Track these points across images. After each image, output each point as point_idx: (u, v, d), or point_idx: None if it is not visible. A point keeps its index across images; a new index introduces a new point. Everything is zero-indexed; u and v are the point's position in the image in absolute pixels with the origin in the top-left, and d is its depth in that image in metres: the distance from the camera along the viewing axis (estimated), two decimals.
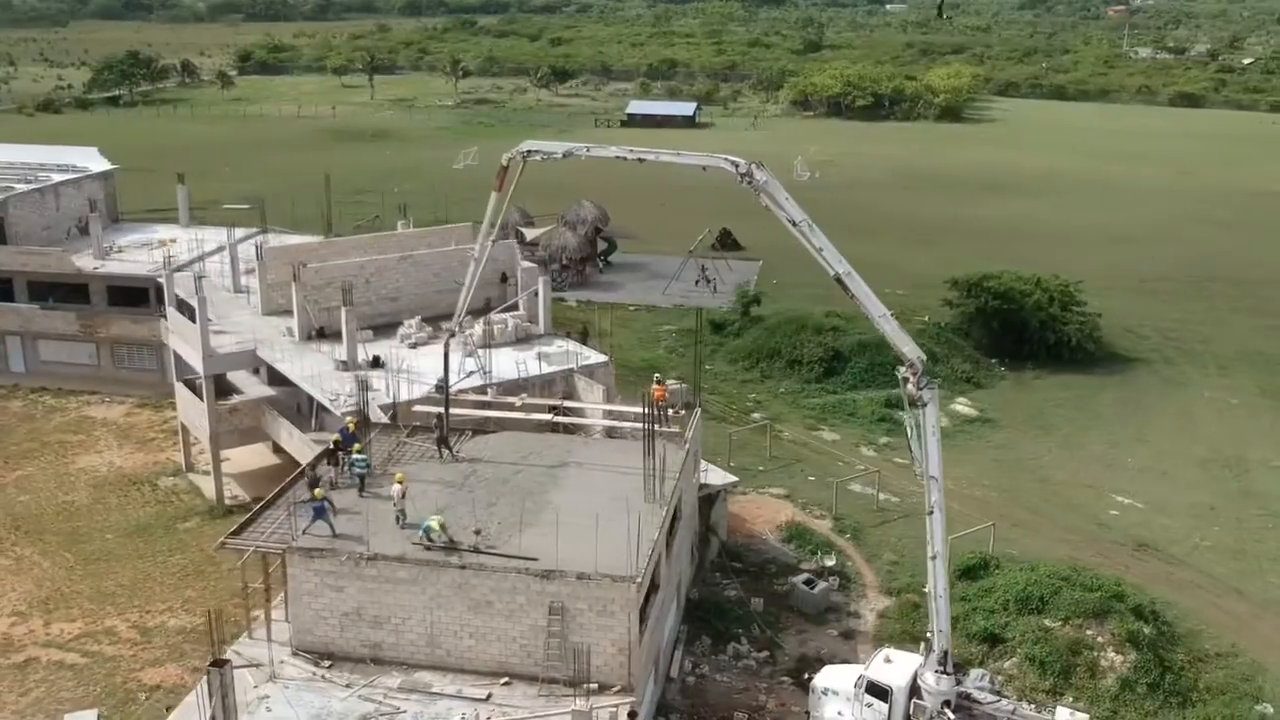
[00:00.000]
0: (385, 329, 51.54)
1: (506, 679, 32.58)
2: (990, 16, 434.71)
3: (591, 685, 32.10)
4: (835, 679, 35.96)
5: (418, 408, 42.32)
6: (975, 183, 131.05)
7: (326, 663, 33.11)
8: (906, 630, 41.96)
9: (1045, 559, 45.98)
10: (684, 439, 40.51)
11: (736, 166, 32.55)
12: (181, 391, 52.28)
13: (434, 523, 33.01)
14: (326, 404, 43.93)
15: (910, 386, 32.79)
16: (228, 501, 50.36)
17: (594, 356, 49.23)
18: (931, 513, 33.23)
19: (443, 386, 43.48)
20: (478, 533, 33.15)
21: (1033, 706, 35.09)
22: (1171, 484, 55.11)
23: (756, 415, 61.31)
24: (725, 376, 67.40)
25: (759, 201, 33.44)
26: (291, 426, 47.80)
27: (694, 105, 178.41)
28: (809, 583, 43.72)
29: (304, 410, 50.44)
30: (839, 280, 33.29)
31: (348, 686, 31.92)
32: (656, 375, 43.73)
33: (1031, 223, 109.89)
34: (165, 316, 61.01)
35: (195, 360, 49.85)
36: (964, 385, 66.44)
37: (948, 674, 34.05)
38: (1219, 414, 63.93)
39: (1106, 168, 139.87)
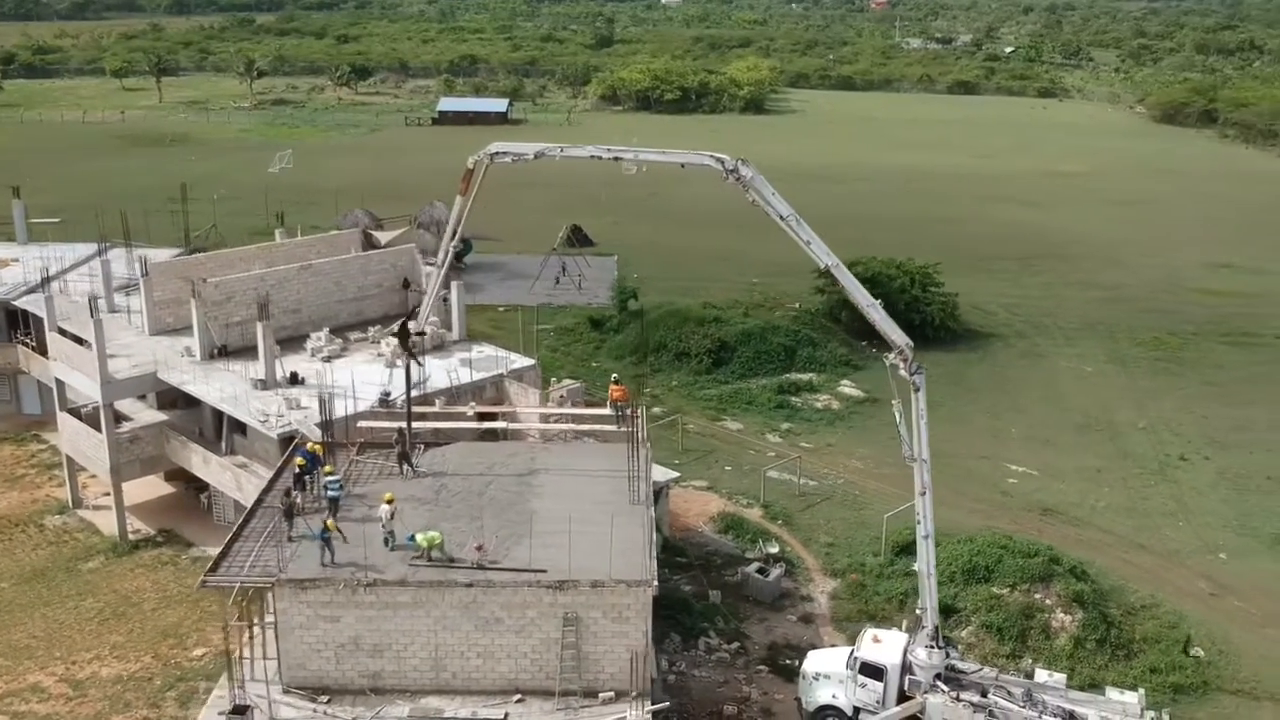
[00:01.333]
0: (289, 343, 49.01)
1: (519, 696, 31.67)
2: (764, 10, 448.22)
3: (608, 694, 31.66)
4: (825, 663, 36.63)
5: (364, 424, 40.53)
6: (796, 172, 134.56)
7: (324, 698, 31.35)
8: (861, 610, 43.19)
9: (966, 529, 48.04)
10: (644, 440, 40.24)
11: (722, 164, 32.58)
12: (67, 422, 48.33)
13: (421, 538, 31.76)
14: (257, 425, 41.48)
15: (902, 371, 33.65)
16: (131, 537, 46.92)
17: (519, 360, 48.30)
18: (923, 494, 34.22)
19: (387, 399, 41.98)
20: (479, 548, 32.01)
21: (1012, 673, 36.75)
22: (1056, 450, 58.50)
23: (658, 410, 61.46)
24: (614, 372, 67.15)
25: (746, 198, 33.51)
26: (206, 452, 44.94)
27: (506, 102, 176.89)
28: (761, 571, 44.27)
29: (208, 434, 47.50)
30: (828, 272, 33.78)
31: None
32: (614, 375, 43.42)
33: (857, 209, 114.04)
34: (23, 343, 56.44)
35: (87, 387, 46.18)
36: (844, 368, 68.49)
37: (939, 648, 35.24)
38: (1078, 382, 68.25)
39: (915, 154, 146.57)
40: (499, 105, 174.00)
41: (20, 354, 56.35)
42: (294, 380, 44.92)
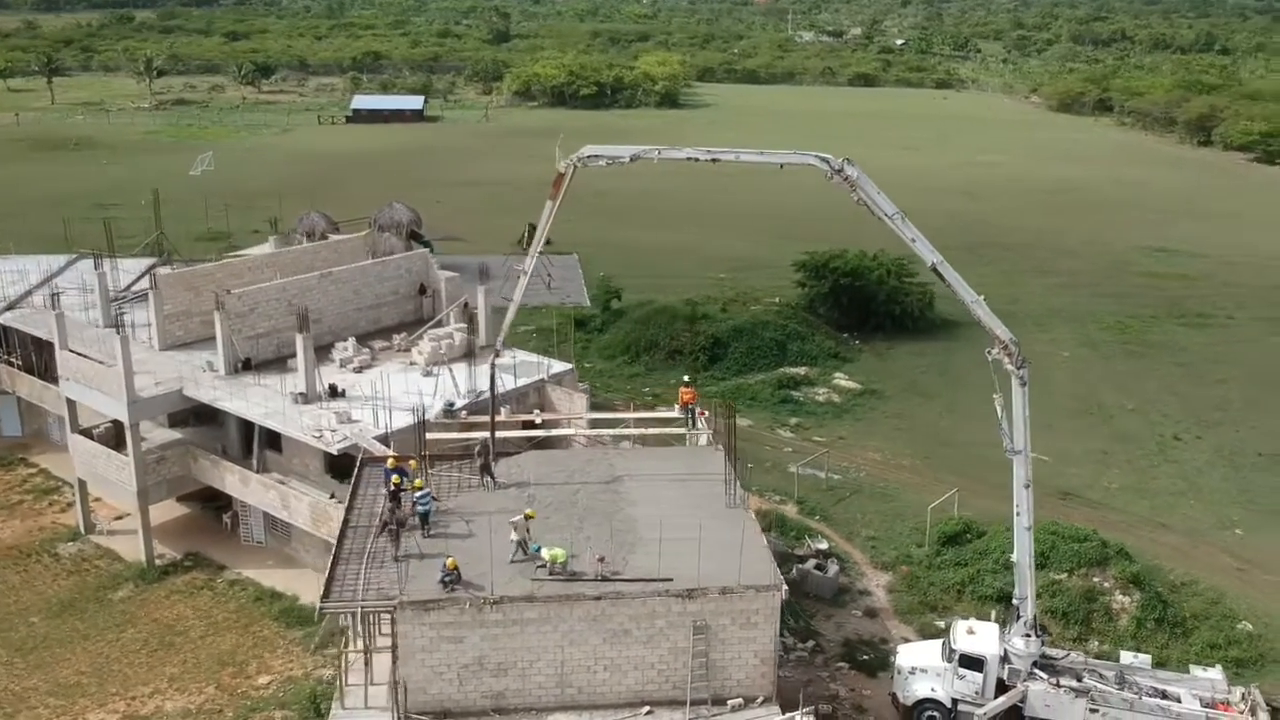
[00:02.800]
0: (315, 353, 47.28)
1: (648, 709, 31.12)
2: (651, 4, 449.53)
3: (736, 700, 31.34)
4: (920, 656, 36.80)
5: (432, 435, 39.27)
6: (733, 168, 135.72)
7: None
8: (921, 602, 43.56)
9: (999, 516, 48.72)
10: (716, 443, 39.99)
11: (828, 163, 32.36)
12: (79, 444, 45.80)
13: (547, 553, 30.98)
14: (312, 441, 39.88)
15: (1007, 365, 33.96)
16: (156, 562, 44.75)
17: (557, 365, 47.47)
18: (1028, 486, 34.62)
19: (451, 410, 40.83)
20: (601, 560, 31.32)
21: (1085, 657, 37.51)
22: (1058, 435, 59.74)
23: (621, 402, 61.09)
24: (609, 372, 66.59)
25: (850, 197, 33.34)
26: (243, 470, 43.09)
27: (422, 99, 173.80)
28: (819, 567, 44.31)
29: (233, 451, 45.56)
30: (934, 269, 33.83)
31: None
32: (685, 377, 42.90)
33: (799, 202, 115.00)
34: (6, 361, 53.42)
35: (108, 406, 43.81)
36: (834, 361, 69.00)
37: (1036, 637, 35.73)
38: (1059, 367, 69.98)
39: (842, 147, 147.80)
40: (414, 103, 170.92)
41: (3, 373, 53.24)
42: (334, 393, 43.34)
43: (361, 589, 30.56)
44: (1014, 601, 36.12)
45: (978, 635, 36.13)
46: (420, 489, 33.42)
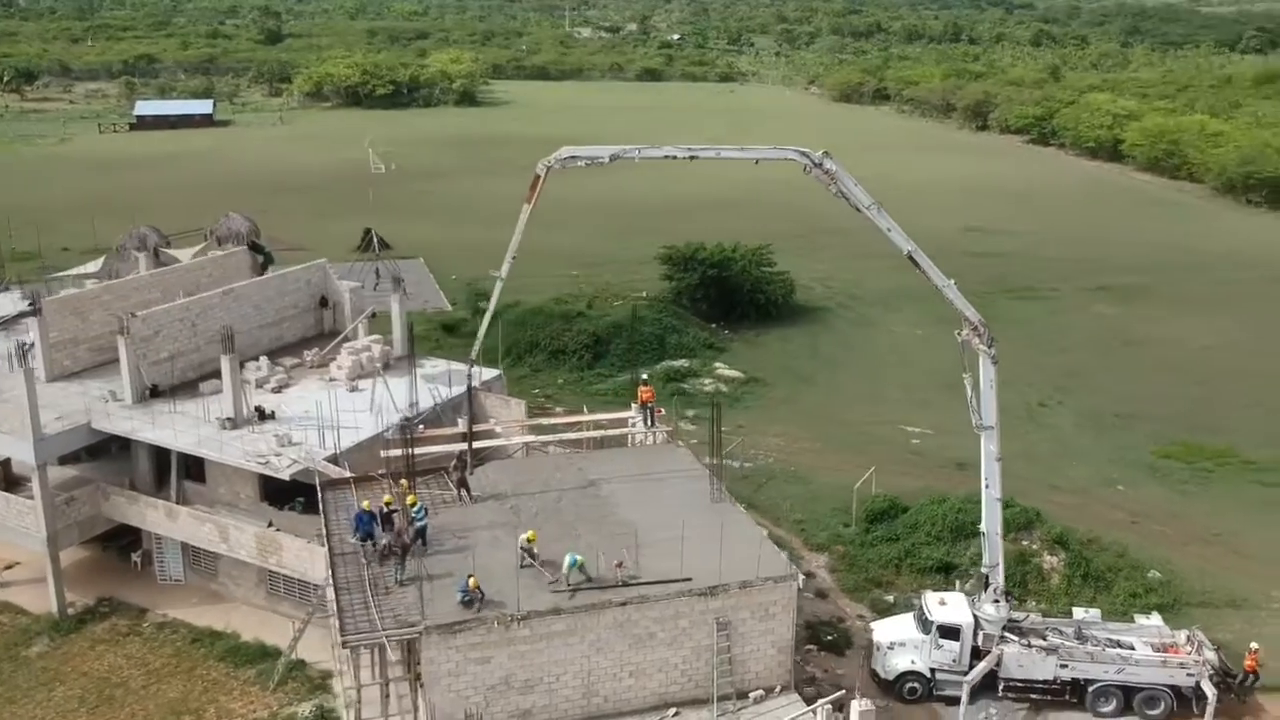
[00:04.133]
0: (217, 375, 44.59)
1: (675, 710, 31.04)
2: (419, 2, 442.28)
3: (757, 692, 31.64)
4: (896, 631, 37.99)
5: (385, 453, 37.76)
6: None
7: None
8: (867, 579, 44.93)
9: (909, 491, 50.98)
10: (674, 440, 40.12)
11: (808, 157, 32.94)
12: None
13: (578, 559, 30.46)
14: (256, 468, 37.62)
15: (978, 344, 35.43)
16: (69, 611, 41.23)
17: (485, 372, 46.39)
18: (999, 460, 36.28)
19: (409, 424, 39.36)
20: (619, 565, 30.95)
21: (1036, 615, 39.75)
22: (936, 409, 62.64)
23: (559, 408, 60.56)
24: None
25: (829, 190, 34.02)
26: (168, 505, 40.22)
27: (211, 103, 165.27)
28: None
29: (142, 485, 42.49)
30: (909, 257, 35.01)
31: None
32: (644, 376, 42.69)
33: (633, 196, 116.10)
34: None
35: (6, 446, 40.04)
36: (711, 351, 70.15)
37: (1005, 603, 37.55)
38: (918, 344, 73.37)
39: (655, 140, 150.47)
40: (203, 107, 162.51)
41: None
42: (262, 415, 40.99)
43: (378, 619, 29.15)
44: (983, 570, 37.84)
45: (950, 606, 37.67)
46: (414, 504, 32.14)
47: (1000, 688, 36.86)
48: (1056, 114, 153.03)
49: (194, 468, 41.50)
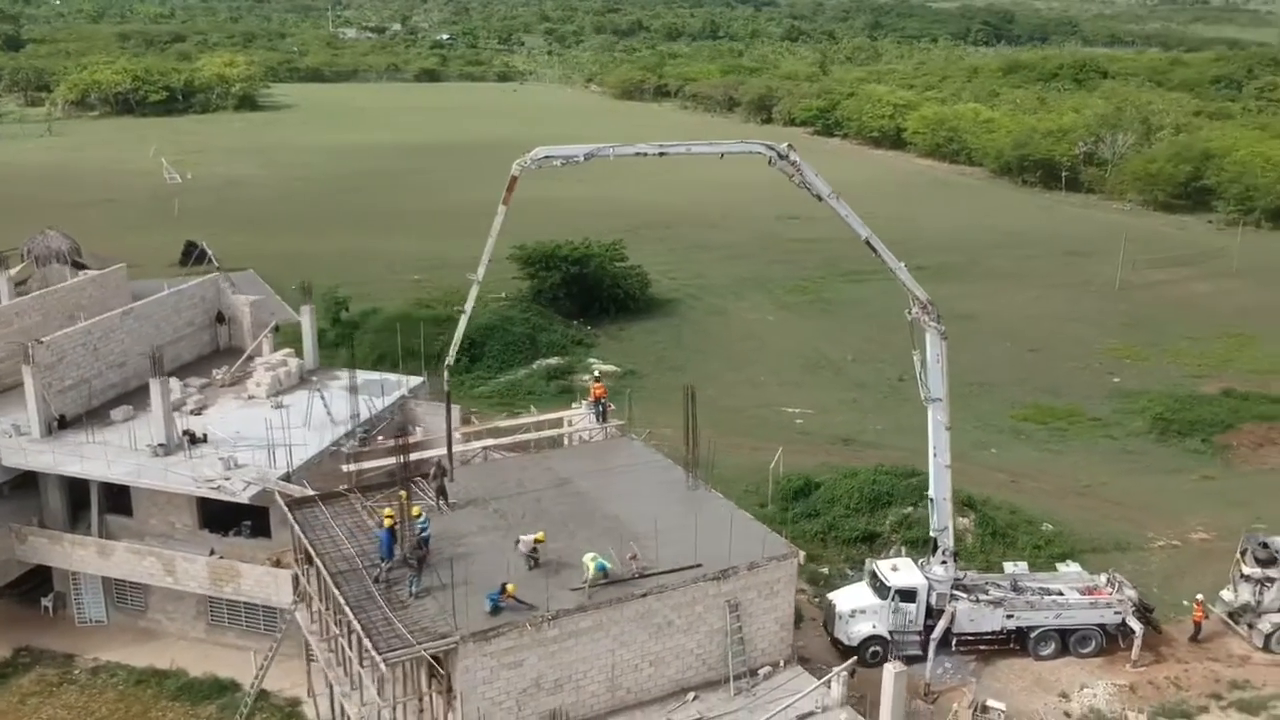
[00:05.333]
0: (127, 400, 42.05)
1: (694, 694, 31.68)
2: (162, 3, 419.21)
3: (765, 668, 32.68)
4: (854, 599, 39.77)
5: (348, 467, 36.66)
6: (359, 170, 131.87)
7: None
8: (811, 553, 46.57)
9: (808, 468, 53.21)
10: (631, 433, 40.71)
11: (774, 149, 34.12)
12: None
13: (591, 562, 30.58)
14: (210, 493, 35.78)
15: (927, 321, 37.49)
16: None
17: (411, 379, 45.52)
18: (948, 429, 38.55)
19: (367, 436, 38.34)
20: (634, 558, 31.28)
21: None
22: (808, 390, 65.55)
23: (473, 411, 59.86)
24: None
25: (793, 180, 35.25)
26: (99, 542, 37.69)
27: None
28: None
29: (52, 522, 39.60)
30: (866, 242, 36.61)
31: None
32: (596, 372, 42.72)
33: (455, 200, 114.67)
34: None
35: None
36: (580, 348, 70.71)
37: (953, 563, 39.98)
38: (771, 329, 76.24)
39: (459, 139, 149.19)
40: None
41: None
42: (194, 440, 38.93)
43: (408, 633, 28.45)
44: (932, 533, 40.12)
45: (903, 570, 39.82)
46: (419, 516, 31.48)
47: (953, 643, 39.25)
48: (838, 106, 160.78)
49: (115, 500, 39.03)
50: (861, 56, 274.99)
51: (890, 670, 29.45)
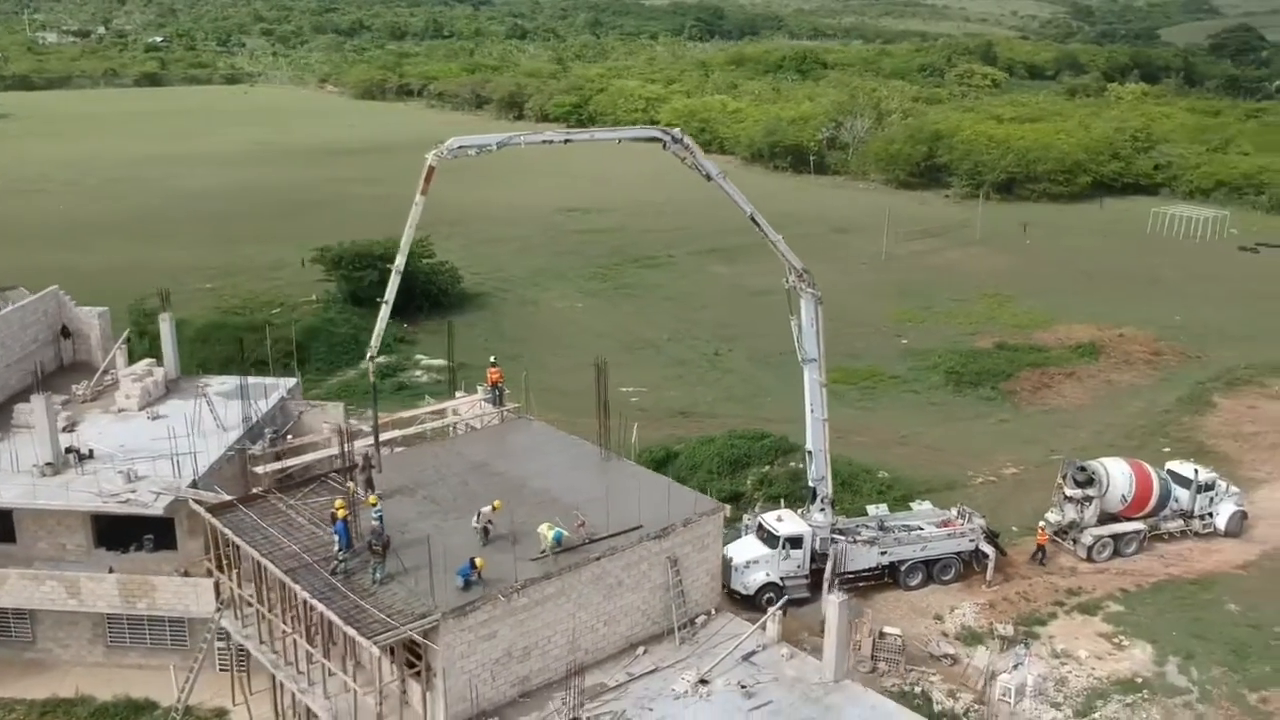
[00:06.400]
0: None
1: (643, 648, 33.60)
2: None
3: (701, 616, 35.05)
4: (746, 550, 42.49)
5: (263, 469, 36.26)
6: (111, 178, 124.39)
7: None
8: None
9: (655, 441, 55.83)
10: (521, 413, 42.01)
11: (670, 134, 36.33)
12: None
13: (548, 531, 31.97)
14: (118, 509, 34.59)
15: (804, 288, 40.57)
16: None
17: (283, 381, 44.96)
18: (824, 386, 41.89)
19: (277, 436, 38.00)
20: (581, 525, 32.84)
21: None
22: (634, 370, 67.97)
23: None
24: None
25: (685, 162, 37.45)
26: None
27: None
28: None
29: None
30: (751, 218, 39.17)
31: None
32: (492, 359, 43.52)
33: (214, 206, 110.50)
34: None
35: None
36: (404, 346, 70.63)
37: (829, 510, 43.52)
38: (585, 315, 78.50)
39: (206, 143, 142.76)
40: None
41: None
42: (81, 456, 37.35)
43: (387, 618, 28.98)
44: (811, 483, 43.46)
45: (788, 521, 43.02)
46: (375, 504, 31.89)
47: (835, 581, 42.77)
48: (591, 100, 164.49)
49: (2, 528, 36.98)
50: (590, 54, 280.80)
51: (833, 600, 32.34)
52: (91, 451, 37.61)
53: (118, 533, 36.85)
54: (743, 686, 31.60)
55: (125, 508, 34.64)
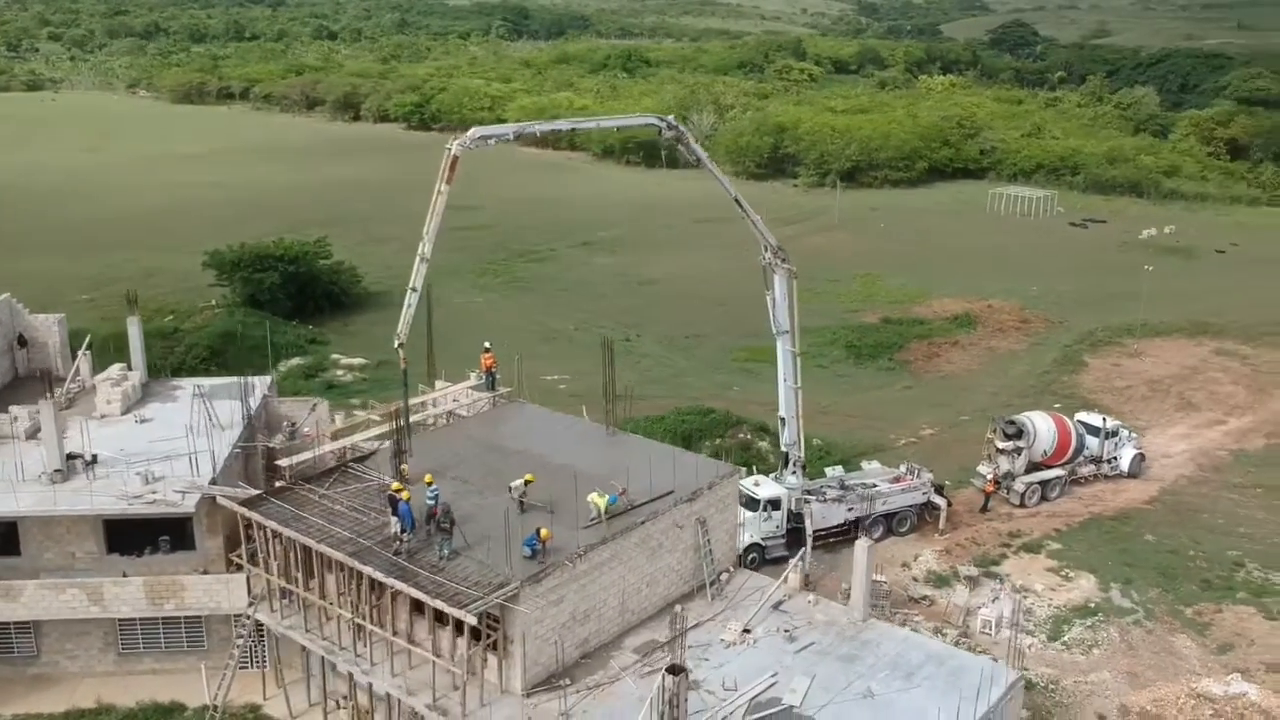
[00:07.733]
0: None
1: (679, 605, 35.34)
2: None
3: (725, 571, 37.19)
4: None
5: (285, 461, 36.45)
6: None
7: (566, 682, 31.65)
8: None
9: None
10: (513, 398, 43.20)
11: (666, 122, 38.32)
12: None
13: (596, 497, 33.49)
14: (145, 510, 34.26)
15: (778, 262, 43.11)
16: None
17: (261, 379, 44.72)
18: (797, 355, 44.58)
19: (294, 431, 38.22)
20: (624, 492, 34.44)
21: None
22: (552, 358, 69.52)
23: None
24: None
25: (678, 148, 39.44)
26: (8, 584, 34.68)
27: None
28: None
29: None
30: (736, 201, 41.38)
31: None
32: (486, 344, 44.23)
33: (67, 215, 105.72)
34: None
35: None
36: (316, 346, 70.08)
37: (800, 473, 46.35)
38: (489, 310, 79.30)
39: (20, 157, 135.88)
40: None
41: None
42: (87, 462, 36.64)
43: (469, 590, 30.03)
44: (783, 448, 46.21)
45: (765, 485, 45.64)
46: (431, 484, 32.75)
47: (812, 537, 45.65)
48: (433, 100, 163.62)
49: (7, 540, 35.93)
50: (406, 54, 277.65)
51: (861, 545, 34.93)
52: (95, 457, 36.89)
53: (129, 537, 36.23)
54: (785, 632, 33.90)
55: (153, 508, 34.30)
